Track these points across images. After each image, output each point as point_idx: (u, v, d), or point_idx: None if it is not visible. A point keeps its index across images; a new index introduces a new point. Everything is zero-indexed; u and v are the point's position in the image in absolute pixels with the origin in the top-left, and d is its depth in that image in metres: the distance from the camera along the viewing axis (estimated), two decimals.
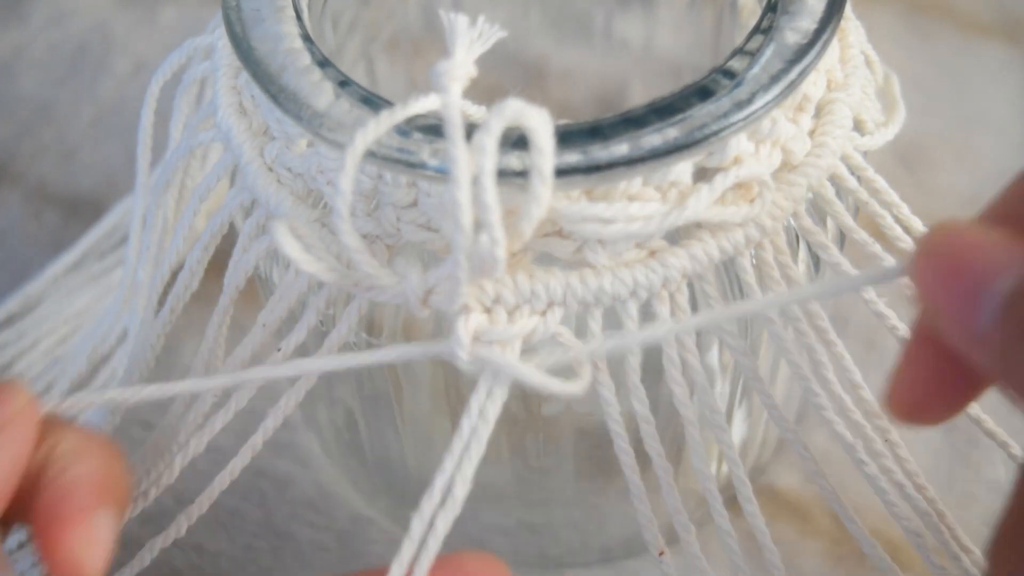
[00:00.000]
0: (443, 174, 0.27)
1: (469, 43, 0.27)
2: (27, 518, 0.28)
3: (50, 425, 0.29)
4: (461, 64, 0.26)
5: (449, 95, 0.26)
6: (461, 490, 0.27)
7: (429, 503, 0.27)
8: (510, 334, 0.28)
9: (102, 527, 0.27)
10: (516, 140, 0.27)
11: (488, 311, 0.28)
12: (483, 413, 0.28)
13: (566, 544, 0.39)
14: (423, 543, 0.27)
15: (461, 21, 0.27)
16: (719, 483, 0.34)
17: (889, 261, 0.31)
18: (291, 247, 0.27)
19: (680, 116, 0.28)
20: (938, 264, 0.25)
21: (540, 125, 0.25)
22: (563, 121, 0.28)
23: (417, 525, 0.27)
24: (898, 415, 0.28)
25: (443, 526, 0.27)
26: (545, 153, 0.26)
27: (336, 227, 0.27)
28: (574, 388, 0.28)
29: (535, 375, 0.27)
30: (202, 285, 0.33)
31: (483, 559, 0.28)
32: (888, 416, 0.28)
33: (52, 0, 0.57)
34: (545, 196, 0.26)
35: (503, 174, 0.27)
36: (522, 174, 0.27)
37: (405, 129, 0.28)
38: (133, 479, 0.30)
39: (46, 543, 0.27)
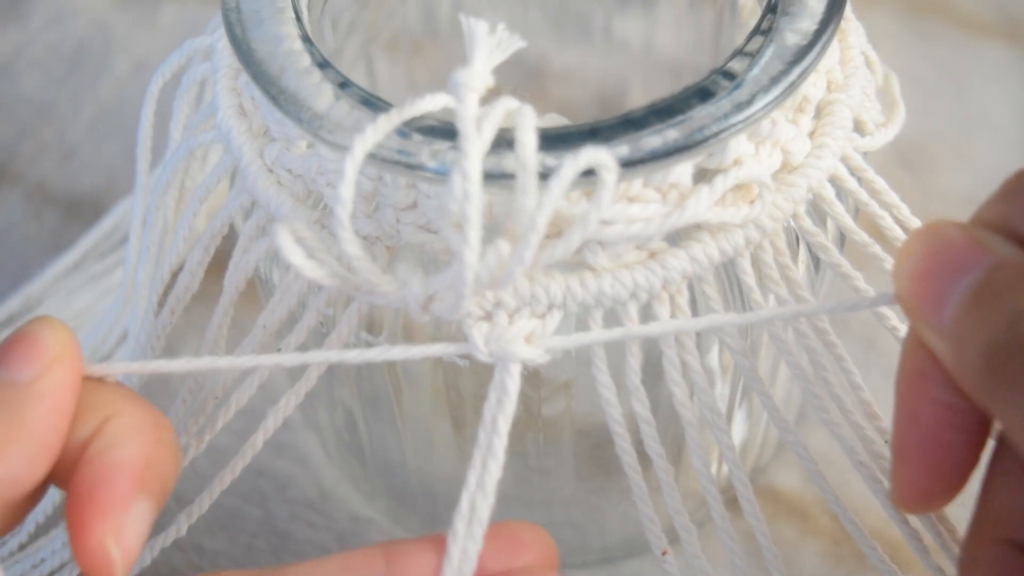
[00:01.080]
0: (443, 175, 0.27)
1: (488, 52, 0.26)
2: (64, 485, 0.26)
3: (111, 393, 0.27)
4: (479, 75, 0.26)
5: (466, 106, 0.25)
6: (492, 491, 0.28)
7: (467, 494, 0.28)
8: (510, 337, 0.28)
9: (137, 520, 0.25)
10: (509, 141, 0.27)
11: (488, 316, 0.28)
12: (500, 401, 0.28)
13: (566, 544, 0.38)
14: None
15: (481, 28, 0.26)
16: (719, 483, 0.34)
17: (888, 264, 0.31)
18: (293, 253, 0.27)
19: (680, 117, 0.28)
20: (913, 262, 0.25)
21: (606, 165, 0.25)
22: (563, 121, 0.28)
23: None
24: (911, 508, 0.28)
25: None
26: (572, 172, 0.25)
27: (336, 233, 0.27)
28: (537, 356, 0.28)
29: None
30: (202, 286, 0.33)
31: (533, 529, 0.28)
32: (903, 507, 0.28)
33: (52, 0, 0.57)
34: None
35: (497, 176, 0.27)
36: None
37: (404, 131, 0.28)
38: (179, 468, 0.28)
39: (76, 529, 0.25)
